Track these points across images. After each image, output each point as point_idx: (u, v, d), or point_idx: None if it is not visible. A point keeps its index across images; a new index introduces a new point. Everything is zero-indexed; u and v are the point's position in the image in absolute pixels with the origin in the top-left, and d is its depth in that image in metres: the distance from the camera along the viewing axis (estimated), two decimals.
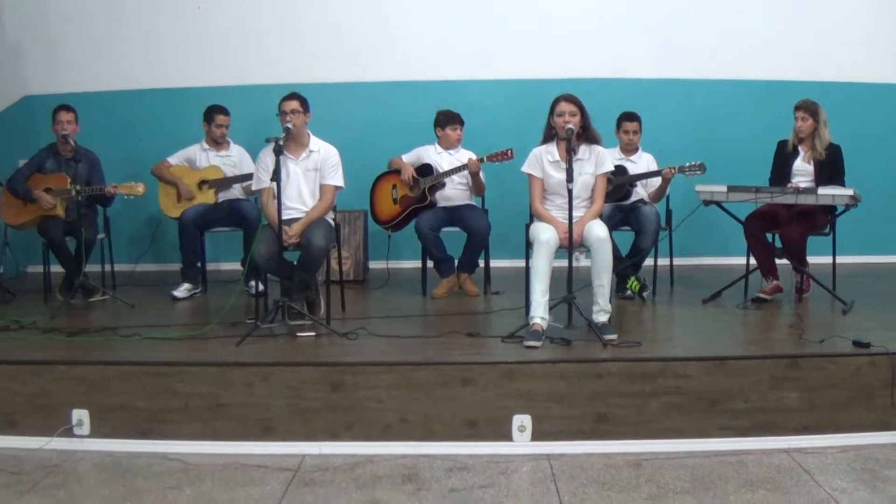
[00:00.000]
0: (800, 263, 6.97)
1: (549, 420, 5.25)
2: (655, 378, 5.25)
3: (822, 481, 4.75)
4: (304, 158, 6.46)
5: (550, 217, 6.13)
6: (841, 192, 6.48)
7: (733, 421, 5.25)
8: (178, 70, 8.85)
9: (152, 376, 5.34)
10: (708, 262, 8.85)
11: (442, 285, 7.44)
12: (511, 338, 5.78)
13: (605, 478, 4.86)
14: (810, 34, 8.72)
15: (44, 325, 6.34)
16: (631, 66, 8.74)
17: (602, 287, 5.89)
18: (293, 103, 6.40)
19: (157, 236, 8.74)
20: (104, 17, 8.83)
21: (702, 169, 7.02)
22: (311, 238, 6.18)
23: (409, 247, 8.18)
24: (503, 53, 8.83)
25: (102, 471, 5.06)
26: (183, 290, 7.52)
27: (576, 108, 6.06)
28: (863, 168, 7.57)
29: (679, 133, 8.61)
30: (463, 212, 7.50)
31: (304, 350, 5.75)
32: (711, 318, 6.50)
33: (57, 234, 7.19)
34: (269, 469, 5.03)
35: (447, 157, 7.58)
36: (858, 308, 6.61)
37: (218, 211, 7.66)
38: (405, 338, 5.94)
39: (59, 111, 7.33)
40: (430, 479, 4.90)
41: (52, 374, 5.37)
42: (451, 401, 5.26)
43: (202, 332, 6.04)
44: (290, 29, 8.79)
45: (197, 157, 7.80)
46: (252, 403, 5.30)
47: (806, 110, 6.91)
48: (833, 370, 5.28)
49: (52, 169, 7.37)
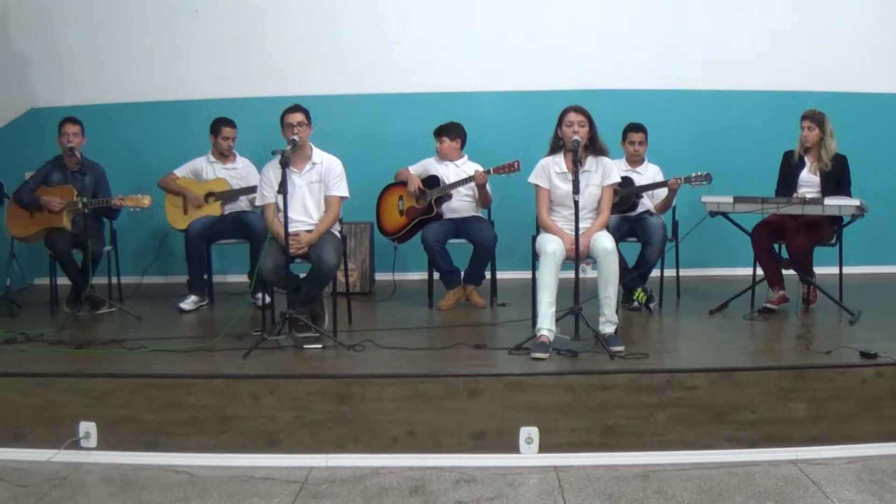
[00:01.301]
0: (806, 274, 6.97)
1: (556, 432, 5.24)
2: (662, 390, 5.25)
3: (830, 492, 4.74)
4: (308, 171, 6.45)
5: (557, 228, 6.13)
6: (847, 203, 6.48)
7: (741, 432, 5.24)
8: (184, 82, 8.88)
9: (159, 389, 5.34)
10: (714, 273, 8.84)
11: (448, 297, 7.44)
12: (518, 349, 5.78)
13: (613, 490, 4.85)
14: (816, 44, 8.72)
15: (51, 338, 6.36)
16: (636, 77, 8.75)
17: (609, 298, 5.88)
18: (298, 115, 6.37)
19: (163, 248, 8.76)
20: (110, 29, 8.86)
21: (708, 180, 7.02)
22: (322, 255, 6.17)
23: (415, 259, 8.18)
24: (508, 65, 8.85)
25: (109, 483, 5.05)
26: (189, 302, 7.52)
27: (584, 119, 6.06)
28: (869, 178, 7.56)
29: (685, 144, 8.62)
30: (469, 223, 7.50)
31: (311, 362, 5.75)
32: (718, 329, 6.49)
33: (63, 247, 7.20)
34: (275, 481, 5.02)
35: (454, 169, 7.58)
36: (865, 319, 6.60)
37: (224, 223, 7.66)
38: (412, 350, 5.94)
39: (65, 124, 7.34)
40: (438, 491, 4.90)
41: (59, 386, 5.37)
42: (457, 413, 5.26)
43: (209, 345, 6.05)
44: (296, 41, 8.81)
45: (203, 170, 7.81)
46: (259, 416, 5.30)
47: (812, 120, 6.90)
48: (840, 381, 5.27)
49: (59, 181, 7.38)
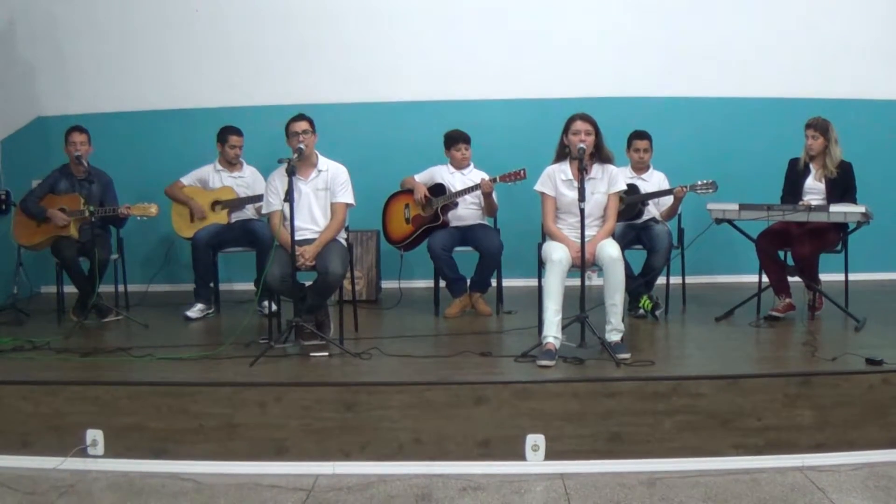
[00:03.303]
0: (812, 281, 6.96)
1: (562, 439, 5.24)
2: (668, 397, 5.25)
3: (836, 499, 4.74)
4: (314, 178, 6.48)
5: (563, 236, 6.13)
6: (853, 210, 6.49)
7: (746, 439, 5.24)
8: (190, 91, 8.91)
9: (166, 396, 5.35)
10: (720, 281, 8.85)
11: (454, 305, 7.45)
12: (524, 357, 5.79)
13: (619, 497, 4.85)
14: (821, 51, 8.72)
15: (57, 346, 6.38)
16: (642, 85, 8.76)
17: (615, 306, 5.88)
18: (303, 124, 6.42)
19: (170, 257, 8.79)
20: (117, 38, 8.90)
21: (714, 188, 7.01)
22: (329, 265, 6.17)
23: (421, 266, 8.19)
24: (514, 73, 8.86)
25: (116, 491, 5.06)
26: (196, 310, 7.53)
27: (591, 127, 6.06)
28: (874, 185, 7.55)
29: (690, 151, 8.63)
30: (475, 231, 7.51)
31: (318, 370, 5.76)
32: (724, 337, 6.50)
33: (70, 255, 7.22)
34: (282, 489, 5.02)
35: (460, 177, 7.60)
36: (871, 325, 6.61)
37: (231, 231, 7.68)
38: (418, 357, 5.94)
39: (72, 132, 7.36)
40: (444, 498, 4.90)
41: (66, 394, 5.38)
42: (464, 420, 5.26)
43: (215, 353, 6.06)
44: (303, 50, 8.84)
45: (210, 178, 7.83)
46: (265, 423, 5.30)
47: (816, 129, 6.90)
48: (846, 388, 5.27)
49: (66, 190, 7.41)
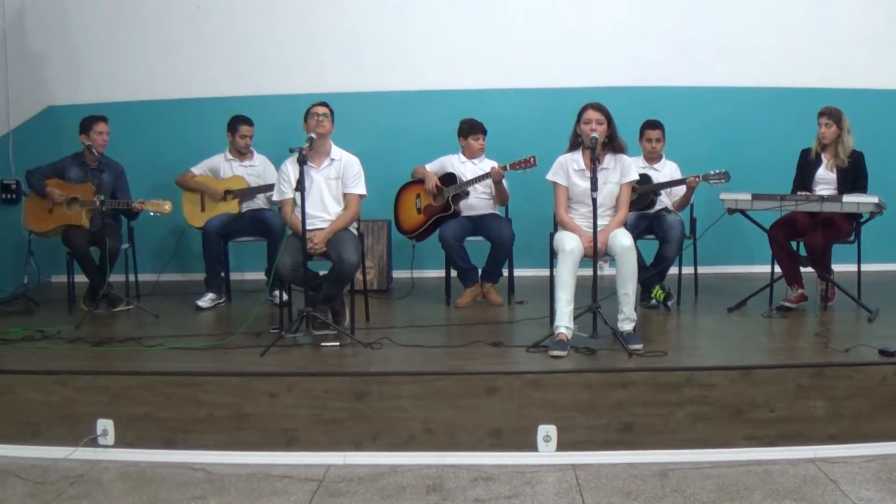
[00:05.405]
0: (824, 271, 6.94)
1: (574, 430, 5.23)
2: (681, 388, 5.23)
3: (849, 491, 4.72)
4: (327, 167, 6.46)
5: (575, 226, 6.10)
6: (866, 200, 6.45)
7: (759, 430, 5.22)
8: (201, 80, 8.88)
9: (177, 386, 5.35)
10: (732, 271, 8.81)
11: (466, 295, 7.43)
12: (536, 347, 5.78)
13: (631, 488, 4.84)
14: (834, 41, 8.66)
15: (68, 335, 6.38)
16: (654, 74, 8.71)
17: (627, 296, 5.87)
18: (324, 108, 6.42)
19: (180, 246, 8.78)
20: (127, 27, 8.88)
21: (726, 177, 6.98)
22: (343, 254, 6.15)
23: (432, 256, 8.16)
24: (525, 62, 8.82)
25: (127, 481, 5.07)
26: (207, 299, 7.54)
27: (603, 117, 6.03)
28: (887, 175, 7.51)
29: (702, 140, 8.59)
30: (487, 221, 7.49)
31: (329, 360, 5.75)
32: (736, 327, 6.48)
33: (81, 244, 7.22)
34: (293, 479, 5.03)
35: (471, 167, 7.57)
36: (884, 316, 6.58)
37: (242, 221, 7.67)
38: (429, 347, 5.94)
39: (97, 122, 7.35)
40: (455, 489, 4.89)
41: (77, 383, 5.39)
42: (475, 410, 5.25)
43: (226, 342, 6.05)
44: (313, 39, 8.82)
45: (221, 168, 7.82)
46: (276, 413, 5.30)
47: (829, 117, 6.88)
48: (859, 379, 5.24)
49: (77, 178, 7.40)
